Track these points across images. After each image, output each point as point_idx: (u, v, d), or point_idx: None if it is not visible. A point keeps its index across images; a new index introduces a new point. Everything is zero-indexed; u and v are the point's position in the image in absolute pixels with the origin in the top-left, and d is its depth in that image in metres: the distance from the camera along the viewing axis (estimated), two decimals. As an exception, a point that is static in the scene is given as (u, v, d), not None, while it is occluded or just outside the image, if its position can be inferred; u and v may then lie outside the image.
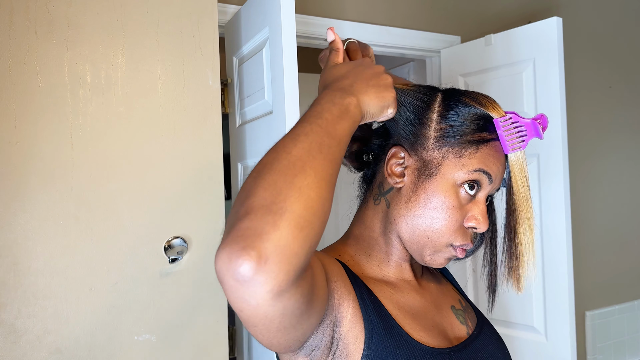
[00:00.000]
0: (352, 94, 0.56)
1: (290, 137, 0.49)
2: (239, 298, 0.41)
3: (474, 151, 0.64)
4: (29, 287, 1.17)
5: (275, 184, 0.43)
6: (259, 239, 0.40)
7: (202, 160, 1.37)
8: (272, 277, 0.40)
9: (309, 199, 0.44)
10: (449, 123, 0.65)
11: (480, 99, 0.66)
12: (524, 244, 0.66)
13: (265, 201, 0.42)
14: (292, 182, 0.44)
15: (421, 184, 0.64)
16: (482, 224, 0.64)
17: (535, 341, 1.90)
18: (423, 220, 0.64)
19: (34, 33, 1.19)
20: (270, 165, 0.46)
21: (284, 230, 0.41)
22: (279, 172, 0.45)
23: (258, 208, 0.42)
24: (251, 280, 0.40)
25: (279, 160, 0.46)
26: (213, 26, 1.39)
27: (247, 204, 0.43)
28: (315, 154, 0.47)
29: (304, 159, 0.46)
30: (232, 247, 0.40)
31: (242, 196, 0.44)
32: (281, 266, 0.40)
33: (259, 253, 0.40)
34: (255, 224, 0.41)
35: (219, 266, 0.41)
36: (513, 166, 0.65)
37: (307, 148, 0.47)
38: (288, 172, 0.45)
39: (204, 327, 1.37)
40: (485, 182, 0.64)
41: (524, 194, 0.65)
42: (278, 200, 0.42)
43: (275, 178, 0.44)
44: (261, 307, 0.42)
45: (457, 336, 0.69)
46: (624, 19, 2.70)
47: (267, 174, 0.45)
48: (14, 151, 1.17)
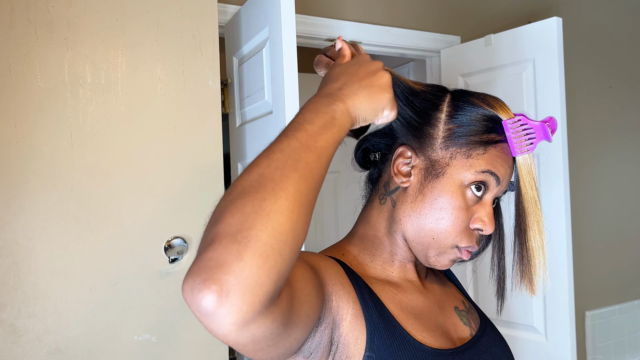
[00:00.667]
0: (339, 99, 0.52)
1: (266, 154, 0.46)
2: (207, 327, 0.40)
3: (481, 152, 0.63)
4: (29, 287, 1.17)
5: (242, 209, 0.41)
6: (221, 271, 0.39)
7: (202, 160, 1.37)
8: (235, 311, 0.39)
9: (277, 225, 0.41)
10: (457, 123, 0.64)
11: (489, 100, 0.66)
12: (535, 247, 0.65)
13: (230, 229, 0.40)
14: (260, 207, 0.41)
15: (428, 184, 0.64)
16: (488, 226, 0.64)
17: (536, 341, 1.90)
18: (429, 220, 0.63)
19: (34, 33, 1.19)
20: (242, 188, 0.43)
21: (248, 260, 0.39)
22: (248, 195, 0.42)
23: (223, 236, 0.40)
24: (213, 314, 0.39)
25: (249, 182, 0.43)
26: (213, 26, 1.39)
27: (213, 231, 0.41)
28: (288, 173, 0.44)
29: (276, 180, 0.43)
30: (195, 280, 0.39)
31: (211, 221, 0.42)
32: (244, 298, 0.39)
33: (220, 287, 0.38)
34: (219, 255, 0.39)
35: (184, 296, 0.40)
36: (521, 169, 0.65)
37: (280, 167, 0.44)
38: (257, 195, 0.42)
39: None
40: (492, 183, 0.64)
41: (533, 197, 0.65)
42: (244, 228, 0.40)
43: (243, 202, 0.42)
44: (228, 337, 0.41)
45: (460, 337, 0.68)
46: (624, 19, 2.70)
47: (237, 198, 0.42)
48: (14, 151, 1.17)
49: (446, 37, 2.23)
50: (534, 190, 0.65)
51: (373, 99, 0.55)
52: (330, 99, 0.52)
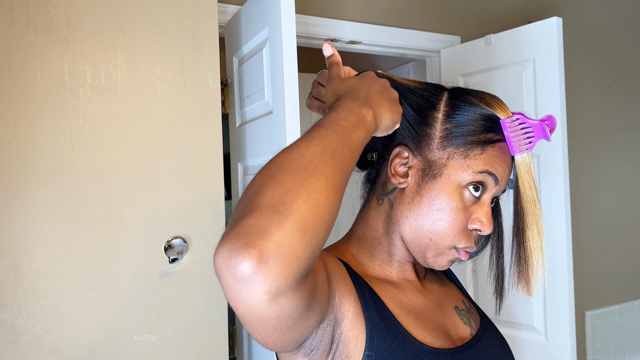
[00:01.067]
0: (369, 105, 0.56)
1: (305, 139, 0.48)
2: (236, 296, 0.40)
3: (479, 152, 0.63)
4: (29, 287, 1.17)
5: (284, 184, 0.43)
6: (262, 237, 0.39)
7: (202, 160, 1.37)
8: (271, 278, 0.39)
9: (317, 203, 0.43)
10: (454, 123, 0.64)
11: (487, 99, 0.65)
12: (533, 247, 0.65)
13: (272, 200, 0.42)
14: (301, 185, 0.43)
15: (425, 184, 0.63)
16: (486, 227, 0.63)
17: (536, 341, 1.90)
18: (426, 221, 0.63)
19: (34, 33, 1.19)
20: (281, 165, 0.45)
21: (288, 231, 0.40)
22: (289, 172, 0.44)
23: (264, 207, 0.41)
24: (249, 279, 0.39)
25: (290, 160, 0.45)
26: (213, 26, 1.39)
27: (254, 202, 0.42)
28: (327, 159, 0.46)
29: (316, 162, 0.45)
30: (234, 244, 0.39)
31: (249, 193, 0.44)
32: (281, 268, 0.40)
33: (260, 252, 0.39)
34: (259, 222, 0.40)
35: (217, 261, 0.40)
36: (520, 168, 0.64)
37: (320, 152, 0.46)
38: (298, 174, 0.44)
39: (204, 327, 1.37)
40: (490, 183, 0.63)
41: (532, 196, 0.64)
42: (285, 201, 0.42)
43: (284, 178, 0.43)
44: (257, 307, 0.41)
45: (460, 337, 0.68)
46: (624, 19, 2.70)
47: (277, 174, 0.44)
48: (14, 151, 1.17)
49: (446, 37, 2.23)
50: (533, 190, 0.64)
51: (393, 111, 0.59)
52: (361, 103, 0.56)
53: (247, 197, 0.44)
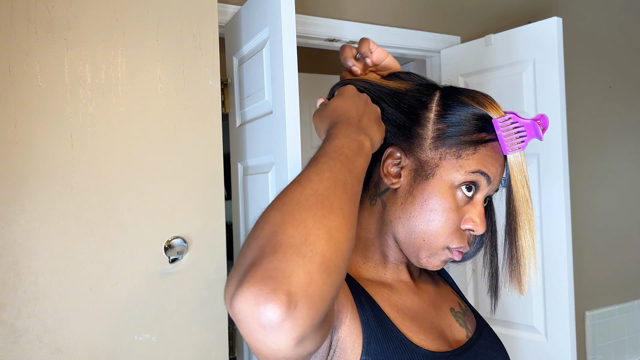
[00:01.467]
0: (362, 130, 0.56)
1: (315, 171, 0.47)
2: (259, 341, 0.39)
3: (471, 152, 0.62)
4: (29, 287, 1.17)
5: (304, 223, 0.42)
6: (289, 282, 0.38)
7: (202, 160, 1.37)
8: (300, 324, 0.38)
9: (338, 242, 0.42)
10: (446, 123, 0.63)
11: (479, 98, 0.64)
12: (525, 247, 0.65)
13: (294, 240, 0.40)
14: (322, 223, 0.42)
15: (417, 185, 0.63)
16: (479, 227, 0.63)
17: (535, 341, 1.90)
18: (419, 222, 0.63)
19: (34, 33, 1.19)
20: (298, 201, 0.44)
21: (315, 274, 0.39)
22: (307, 210, 0.43)
23: (287, 247, 0.40)
24: (278, 327, 0.37)
25: (306, 196, 0.44)
26: (213, 26, 1.39)
27: (274, 241, 0.40)
28: (340, 194, 0.46)
29: (331, 198, 0.45)
30: (261, 289, 0.37)
31: (265, 229, 0.42)
32: (309, 313, 0.38)
33: (289, 298, 0.37)
34: (285, 265, 0.38)
35: (241, 307, 0.38)
36: (512, 167, 0.64)
37: (332, 186, 0.46)
38: (317, 211, 0.43)
39: (204, 327, 1.37)
40: (483, 183, 0.63)
41: (524, 196, 0.64)
42: (308, 241, 0.40)
43: (304, 216, 0.42)
44: (281, 352, 0.39)
45: (456, 339, 0.68)
46: (624, 19, 2.70)
47: (295, 211, 0.43)
48: (14, 151, 1.17)
49: (446, 37, 2.23)
50: (525, 189, 0.64)
51: (380, 130, 0.61)
52: (357, 129, 0.56)
53: (264, 233, 0.42)
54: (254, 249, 0.41)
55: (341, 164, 0.49)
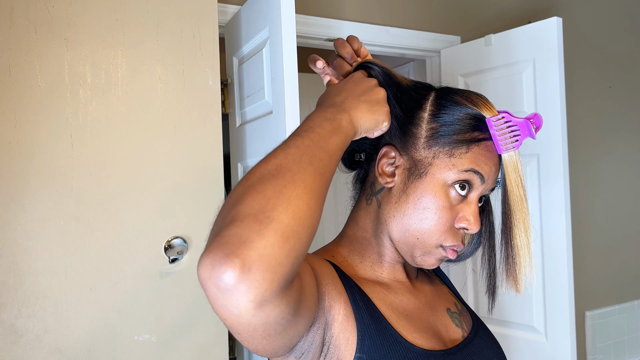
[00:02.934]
0: (344, 110, 0.57)
1: (281, 148, 0.49)
2: (221, 306, 0.40)
3: (464, 151, 0.63)
4: (29, 287, 1.17)
5: (263, 193, 0.43)
6: (244, 246, 0.39)
7: (202, 160, 1.37)
8: (255, 286, 0.39)
9: (298, 210, 0.43)
10: (440, 122, 0.64)
11: (472, 98, 0.65)
12: (520, 245, 0.65)
13: (252, 209, 0.42)
14: (280, 192, 0.43)
15: (411, 183, 0.64)
16: (473, 225, 0.63)
17: (535, 341, 1.90)
18: (413, 220, 0.63)
19: (34, 33, 1.19)
20: (260, 175, 0.45)
21: (270, 239, 0.40)
22: (267, 181, 0.44)
23: (245, 216, 0.41)
24: (233, 289, 0.39)
25: (268, 170, 0.46)
26: (213, 26, 1.39)
27: (234, 211, 0.42)
28: (305, 166, 0.47)
29: (294, 169, 0.46)
30: (216, 254, 0.40)
31: (229, 203, 0.44)
32: (265, 275, 0.40)
33: (243, 261, 0.39)
34: (241, 232, 0.40)
35: (201, 272, 0.40)
36: (507, 166, 0.64)
37: (297, 160, 0.47)
38: (277, 181, 0.44)
39: (204, 327, 1.37)
40: (476, 182, 0.63)
41: (519, 195, 0.64)
42: (266, 209, 0.42)
43: (264, 187, 0.44)
44: (243, 316, 0.41)
45: (452, 339, 0.68)
46: (624, 19, 2.70)
47: (256, 183, 0.44)
48: (14, 151, 1.17)
49: (446, 37, 2.23)
50: (520, 188, 0.64)
51: (373, 111, 0.60)
52: (335, 109, 0.57)
53: (227, 206, 0.44)
54: (217, 222, 0.43)
55: (310, 140, 0.50)
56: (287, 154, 0.48)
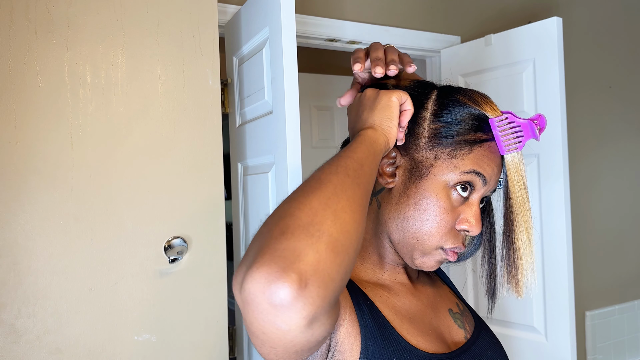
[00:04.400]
0: (362, 125, 0.59)
1: (319, 168, 0.50)
2: (270, 322, 0.38)
3: (466, 152, 0.62)
4: (29, 287, 1.17)
5: (309, 204, 0.43)
6: (299, 260, 0.38)
7: (202, 160, 1.37)
8: (310, 303, 0.38)
9: (344, 223, 0.43)
10: (442, 123, 0.63)
11: (475, 98, 0.64)
12: (522, 248, 0.64)
13: (301, 221, 0.41)
14: (326, 204, 0.43)
15: (412, 184, 0.62)
16: (474, 227, 0.62)
17: (535, 341, 1.90)
18: (413, 222, 0.62)
19: (34, 33, 1.19)
20: (302, 189, 0.46)
21: (323, 253, 0.39)
22: (311, 193, 0.44)
23: (295, 228, 0.40)
24: (289, 306, 0.37)
25: (310, 184, 0.46)
26: (213, 26, 1.39)
27: (282, 223, 0.41)
28: (343, 177, 0.47)
29: (334, 181, 0.46)
30: (271, 268, 0.38)
31: (275, 216, 0.43)
32: (319, 292, 0.38)
33: (300, 276, 0.37)
34: (294, 245, 0.39)
35: (252, 287, 0.38)
36: (509, 168, 0.63)
37: (334, 171, 0.48)
38: (321, 193, 0.44)
39: (204, 327, 1.37)
40: (478, 183, 0.62)
41: (521, 196, 0.63)
42: (315, 221, 0.41)
43: (309, 199, 0.44)
44: (291, 333, 0.39)
45: (454, 340, 0.67)
46: (624, 19, 2.70)
47: (300, 196, 0.44)
48: (14, 151, 1.17)
49: (446, 37, 2.23)
50: (523, 190, 0.63)
51: (383, 111, 0.61)
52: (359, 129, 0.60)
53: (272, 220, 0.43)
54: (263, 234, 0.42)
55: (341, 155, 0.52)
56: (324, 169, 0.49)
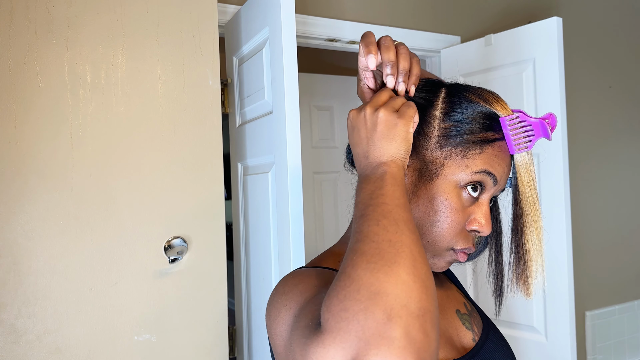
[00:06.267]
0: (370, 162, 0.56)
1: (367, 216, 0.49)
2: None
3: (478, 151, 0.60)
4: (29, 287, 1.17)
5: (399, 277, 0.43)
6: (418, 349, 0.40)
7: (202, 160, 1.37)
8: None
9: (432, 291, 0.44)
10: (452, 122, 0.61)
11: (486, 96, 0.63)
12: (532, 249, 0.62)
13: (400, 300, 0.42)
14: (415, 275, 0.44)
15: (422, 185, 0.61)
16: (485, 228, 0.61)
17: (536, 341, 1.90)
18: (423, 223, 0.60)
19: (34, 33, 1.19)
20: (378, 252, 0.45)
21: (432, 335, 0.41)
22: (394, 263, 0.44)
23: (400, 309, 0.41)
24: None
25: (381, 247, 0.46)
26: (213, 26, 1.39)
27: (383, 303, 0.41)
28: (409, 235, 0.47)
29: (407, 242, 0.46)
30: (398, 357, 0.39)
31: (363, 289, 0.43)
32: None
33: None
34: (406, 331, 0.40)
35: None
36: (519, 167, 0.62)
37: (397, 229, 0.47)
38: (405, 262, 0.44)
39: (204, 327, 1.37)
40: (489, 183, 0.61)
41: (531, 196, 0.62)
42: (412, 297, 0.42)
43: (395, 270, 0.43)
44: None
45: (463, 343, 0.66)
46: (624, 19, 2.70)
47: (384, 266, 0.44)
48: (14, 151, 1.17)
49: (446, 37, 2.23)
50: (533, 190, 0.62)
51: (402, 142, 0.57)
52: (367, 165, 0.57)
53: (362, 294, 0.43)
54: (358, 312, 0.42)
55: (382, 202, 0.51)
56: (385, 226, 0.48)
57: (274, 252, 1.46)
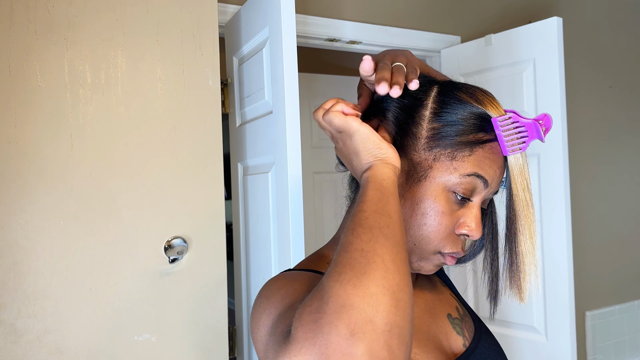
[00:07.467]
0: (363, 169, 0.56)
1: (350, 226, 0.49)
2: None
3: (467, 154, 0.58)
4: (29, 287, 1.17)
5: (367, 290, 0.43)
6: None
7: (202, 160, 1.37)
8: None
9: (406, 305, 0.44)
10: (442, 122, 0.59)
11: (477, 95, 0.60)
12: (525, 252, 0.61)
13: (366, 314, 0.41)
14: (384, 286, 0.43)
15: (409, 187, 0.59)
16: (475, 232, 0.59)
17: (536, 341, 1.90)
18: (410, 226, 0.59)
19: (34, 33, 1.19)
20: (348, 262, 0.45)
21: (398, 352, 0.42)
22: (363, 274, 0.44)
23: (363, 324, 0.41)
24: None
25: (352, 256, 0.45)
26: (213, 26, 1.39)
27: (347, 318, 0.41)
28: (383, 241, 0.46)
29: (380, 252, 0.45)
30: None
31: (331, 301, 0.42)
32: None
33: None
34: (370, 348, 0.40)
35: None
36: (513, 169, 0.59)
37: (370, 237, 0.46)
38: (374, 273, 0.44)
39: (204, 327, 1.37)
40: (479, 186, 0.59)
41: (525, 199, 0.60)
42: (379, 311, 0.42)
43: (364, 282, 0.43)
44: None
45: (453, 349, 0.65)
46: (624, 19, 2.70)
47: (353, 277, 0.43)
48: (14, 151, 1.17)
49: (446, 37, 2.23)
50: (527, 192, 0.60)
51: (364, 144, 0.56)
52: (358, 177, 0.57)
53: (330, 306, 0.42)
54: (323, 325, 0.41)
55: (362, 209, 0.50)
56: (359, 234, 0.47)
57: (274, 252, 1.46)
